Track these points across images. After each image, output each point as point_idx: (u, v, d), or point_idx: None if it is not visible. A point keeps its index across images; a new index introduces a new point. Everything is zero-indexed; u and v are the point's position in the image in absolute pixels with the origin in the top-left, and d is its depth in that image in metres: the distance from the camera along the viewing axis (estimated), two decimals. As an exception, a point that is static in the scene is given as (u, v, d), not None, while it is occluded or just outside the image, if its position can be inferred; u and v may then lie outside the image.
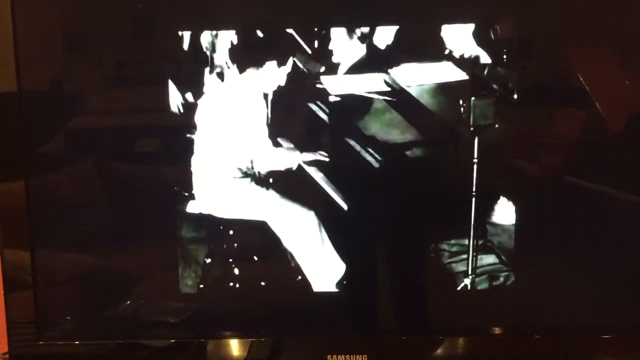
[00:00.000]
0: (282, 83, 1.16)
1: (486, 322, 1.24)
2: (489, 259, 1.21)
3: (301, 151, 1.19)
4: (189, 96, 1.16)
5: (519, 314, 1.22)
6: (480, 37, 1.15)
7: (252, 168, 1.21)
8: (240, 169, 1.21)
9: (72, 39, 1.17)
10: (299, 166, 1.19)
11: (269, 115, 1.18)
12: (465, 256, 1.21)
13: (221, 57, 1.16)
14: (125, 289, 1.24)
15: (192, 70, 1.16)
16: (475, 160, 1.18)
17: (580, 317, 1.22)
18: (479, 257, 1.21)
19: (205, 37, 1.15)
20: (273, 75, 1.16)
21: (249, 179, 1.21)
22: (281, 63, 1.16)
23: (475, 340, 1.25)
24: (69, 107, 1.18)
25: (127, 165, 1.21)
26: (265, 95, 1.18)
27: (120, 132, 1.20)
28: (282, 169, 1.20)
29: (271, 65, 1.16)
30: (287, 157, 1.19)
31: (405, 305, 1.25)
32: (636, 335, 1.23)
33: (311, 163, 1.19)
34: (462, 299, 1.22)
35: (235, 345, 1.25)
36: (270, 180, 1.21)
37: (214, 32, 1.14)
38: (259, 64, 1.17)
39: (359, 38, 1.15)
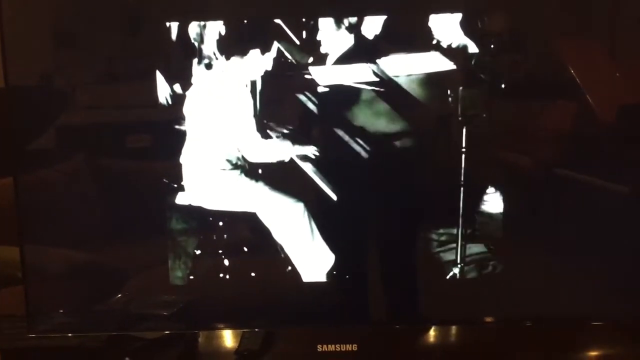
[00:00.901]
0: (271, 74, 1.16)
1: (475, 311, 1.25)
2: (477, 248, 1.22)
3: (290, 142, 1.19)
4: (178, 88, 1.16)
5: (508, 302, 1.23)
6: (468, 27, 1.15)
7: (242, 160, 1.21)
8: (229, 161, 1.21)
9: (59, 34, 1.16)
10: (289, 158, 1.19)
11: (258, 107, 1.18)
12: (454, 245, 1.21)
13: (209, 48, 1.15)
14: (116, 282, 1.24)
15: (180, 63, 1.16)
16: (464, 150, 1.18)
17: (569, 304, 1.23)
18: (467, 246, 1.21)
19: (193, 29, 1.14)
20: (261, 66, 1.16)
21: (238, 171, 1.21)
22: (269, 54, 1.15)
23: (464, 328, 1.26)
24: (56, 102, 1.18)
25: (115, 159, 1.21)
26: (254, 87, 1.17)
27: (109, 126, 1.19)
28: (272, 160, 1.20)
29: (259, 56, 1.16)
30: (277, 149, 1.19)
31: (395, 294, 1.25)
32: (625, 321, 1.25)
33: (300, 154, 1.19)
34: (451, 288, 1.23)
35: (226, 337, 1.26)
36: (260, 171, 1.21)
37: (202, 24, 1.14)
38: (247, 55, 1.16)
39: (347, 28, 1.15)
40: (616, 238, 1.21)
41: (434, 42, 1.15)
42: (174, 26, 1.13)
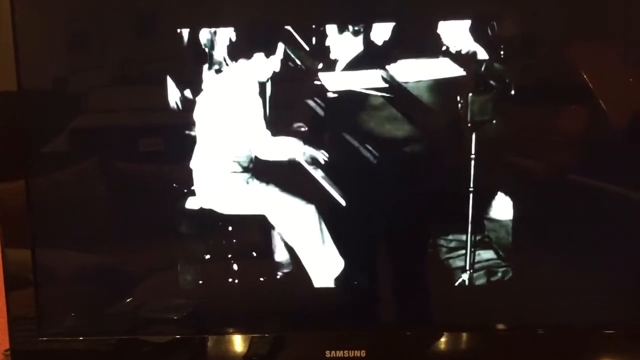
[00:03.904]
0: (280, 80, 1.17)
1: (484, 318, 1.24)
2: (486, 255, 1.22)
3: (300, 148, 1.19)
4: (188, 93, 1.17)
5: (517, 309, 1.23)
6: (477, 33, 1.15)
7: (252, 164, 1.21)
8: (239, 165, 1.21)
9: (71, 38, 1.18)
10: (298, 163, 1.19)
11: (268, 112, 1.19)
12: (463, 252, 1.21)
13: (220, 54, 1.16)
14: (126, 286, 1.24)
15: (191, 68, 1.17)
16: (473, 156, 1.18)
17: (580, 312, 1.22)
18: (476, 252, 1.21)
19: (204, 35, 1.15)
20: (271, 72, 1.17)
21: (248, 175, 1.22)
22: (279, 60, 1.16)
23: (473, 335, 1.25)
24: (68, 106, 1.19)
25: (126, 163, 1.22)
26: (263, 93, 1.18)
27: (120, 130, 1.20)
28: (281, 165, 1.20)
29: (269, 62, 1.17)
30: (286, 154, 1.20)
31: (404, 300, 1.25)
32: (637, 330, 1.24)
33: (310, 159, 1.19)
34: (460, 294, 1.23)
35: (234, 341, 1.26)
36: (270, 176, 1.22)
37: (213, 30, 1.15)
38: (256, 61, 1.17)
39: (356, 34, 1.16)
40: (629, 245, 1.20)
41: (443, 48, 1.15)
42: (184, 32, 1.15)
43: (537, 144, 1.20)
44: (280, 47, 1.15)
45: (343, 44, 1.16)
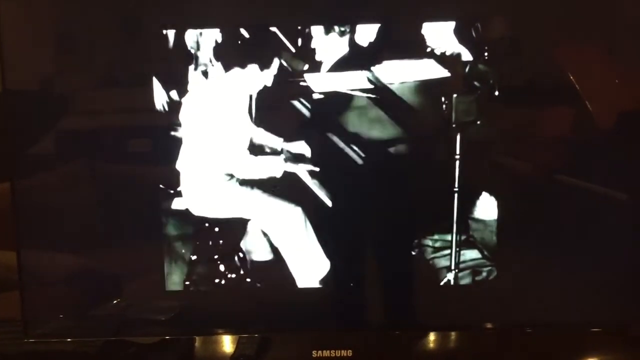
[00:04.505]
0: (267, 81, 1.17)
1: (470, 317, 1.25)
2: (471, 254, 1.23)
3: (286, 150, 1.20)
4: (174, 95, 1.17)
5: (502, 308, 1.24)
6: (462, 35, 1.16)
7: (238, 166, 1.21)
8: (226, 166, 1.21)
9: (56, 39, 1.18)
10: (283, 162, 1.20)
11: (254, 113, 1.19)
12: (448, 251, 1.22)
13: (205, 55, 1.16)
14: (112, 287, 1.24)
15: (177, 69, 1.16)
16: (458, 157, 1.19)
17: (565, 311, 1.23)
18: (461, 252, 1.22)
19: (190, 36, 1.15)
20: (257, 73, 1.17)
21: (234, 176, 1.22)
22: (265, 61, 1.16)
23: (459, 334, 1.27)
24: (53, 107, 1.19)
25: (112, 164, 1.21)
26: (249, 93, 1.18)
27: (106, 132, 1.20)
28: (268, 167, 1.21)
29: (255, 63, 1.17)
30: (272, 155, 1.20)
31: (390, 300, 1.26)
32: (623, 328, 1.25)
33: (296, 160, 1.20)
34: (446, 294, 1.24)
35: (221, 342, 1.26)
36: (256, 177, 1.22)
37: (199, 31, 1.15)
38: (242, 62, 1.17)
39: (341, 36, 1.16)
40: (613, 244, 1.21)
41: (428, 49, 1.16)
42: (170, 33, 1.15)
43: (521, 145, 1.21)
44: (267, 49, 1.15)
45: (329, 46, 1.16)
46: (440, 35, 1.16)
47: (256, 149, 1.20)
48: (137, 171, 1.21)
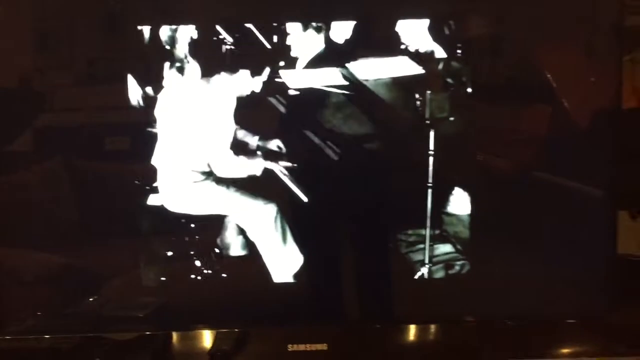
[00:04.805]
0: (242, 78, 1.18)
1: (444, 310, 1.26)
2: (445, 249, 1.24)
3: (262, 146, 1.20)
4: (150, 91, 1.17)
5: (476, 301, 1.25)
6: (436, 33, 1.17)
7: (215, 162, 1.22)
8: (202, 162, 1.22)
9: (30, 36, 1.17)
10: (260, 159, 1.20)
11: (230, 110, 1.19)
12: (422, 246, 1.24)
13: (181, 52, 1.16)
14: (88, 284, 1.24)
15: (152, 66, 1.16)
16: (431, 153, 1.20)
17: (540, 304, 1.25)
18: (435, 246, 1.24)
19: (165, 33, 1.15)
20: (233, 69, 1.18)
21: (211, 173, 1.22)
22: (241, 58, 1.17)
23: (433, 328, 1.28)
24: (28, 104, 1.18)
25: (88, 161, 1.21)
26: (225, 90, 1.19)
27: (80, 128, 1.19)
28: (244, 163, 1.21)
29: (231, 60, 1.17)
30: (248, 151, 1.21)
31: (364, 294, 1.27)
32: (595, 319, 1.28)
33: (272, 156, 1.20)
34: (420, 288, 1.25)
35: (198, 337, 1.27)
36: (232, 173, 1.22)
37: (174, 27, 1.15)
38: (218, 59, 1.18)
39: (317, 33, 1.17)
40: (583, 238, 1.23)
41: (403, 47, 1.17)
42: (145, 30, 1.14)
43: (494, 140, 1.23)
44: (242, 45, 1.16)
45: (305, 42, 1.17)
46: (415, 32, 1.17)
47: (232, 146, 1.20)
48: (113, 167, 1.20)
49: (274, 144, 1.20)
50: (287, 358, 1.24)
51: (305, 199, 1.20)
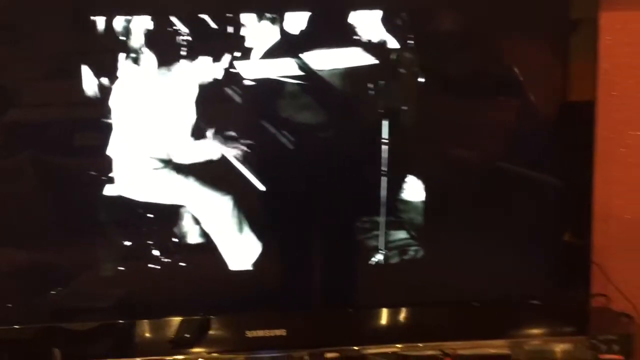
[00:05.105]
0: (198, 68, 1.18)
1: (399, 294, 1.30)
2: (399, 235, 1.27)
3: (218, 136, 1.21)
4: (105, 82, 1.17)
5: (430, 285, 1.29)
6: (389, 24, 1.19)
7: (171, 152, 1.23)
8: (159, 153, 1.22)
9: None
10: (217, 149, 1.22)
11: (185, 100, 1.20)
12: (377, 232, 1.26)
13: (136, 43, 1.17)
14: (48, 275, 1.24)
15: (107, 57, 1.16)
16: (385, 141, 1.23)
17: (491, 287, 1.29)
18: (390, 233, 1.26)
19: (119, 23, 1.15)
20: (188, 60, 1.18)
21: (168, 163, 1.23)
22: (196, 48, 1.17)
23: (389, 312, 1.31)
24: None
25: (43, 154, 1.21)
26: (181, 80, 1.19)
27: (33, 122, 1.19)
28: (200, 152, 1.22)
29: (186, 50, 1.18)
30: (205, 141, 1.21)
31: (321, 281, 1.30)
32: (559, 300, 1.31)
33: (228, 146, 1.22)
34: (375, 273, 1.28)
35: (157, 325, 1.27)
36: (189, 163, 1.23)
37: (129, 18, 1.15)
38: (173, 49, 1.18)
39: (272, 24, 1.18)
40: (540, 222, 1.28)
41: (356, 37, 1.19)
42: (100, 20, 1.14)
43: (446, 129, 1.26)
44: (197, 36, 1.16)
45: (259, 33, 1.18)
46: (368, 23, 1.19)
47: (188, 135, 1.21)
48: (68, 159, 1.20)
49: (230, 134, 1.21)
50: (246, 344, 1.26)
51: (262, 188, 1.22)
